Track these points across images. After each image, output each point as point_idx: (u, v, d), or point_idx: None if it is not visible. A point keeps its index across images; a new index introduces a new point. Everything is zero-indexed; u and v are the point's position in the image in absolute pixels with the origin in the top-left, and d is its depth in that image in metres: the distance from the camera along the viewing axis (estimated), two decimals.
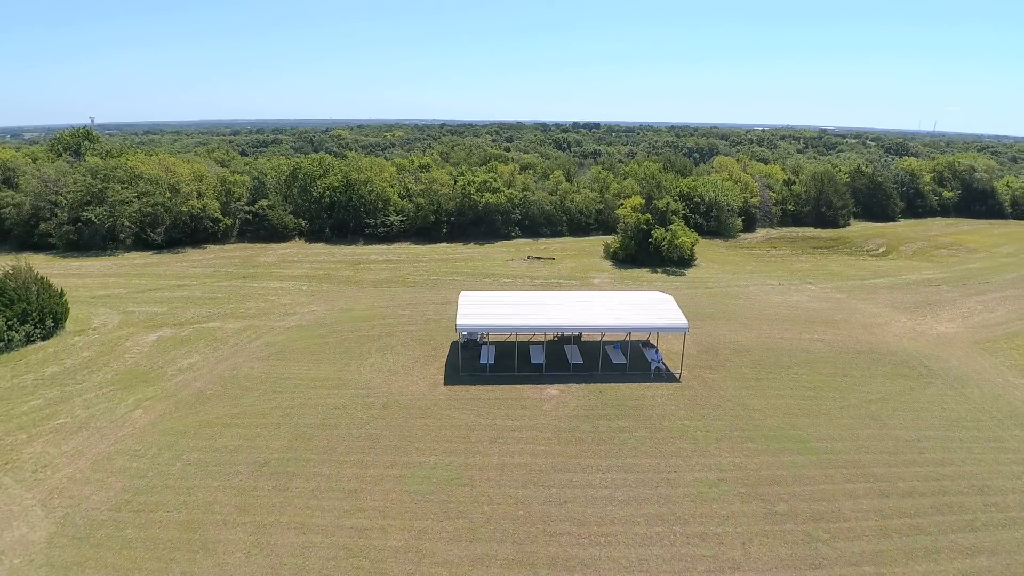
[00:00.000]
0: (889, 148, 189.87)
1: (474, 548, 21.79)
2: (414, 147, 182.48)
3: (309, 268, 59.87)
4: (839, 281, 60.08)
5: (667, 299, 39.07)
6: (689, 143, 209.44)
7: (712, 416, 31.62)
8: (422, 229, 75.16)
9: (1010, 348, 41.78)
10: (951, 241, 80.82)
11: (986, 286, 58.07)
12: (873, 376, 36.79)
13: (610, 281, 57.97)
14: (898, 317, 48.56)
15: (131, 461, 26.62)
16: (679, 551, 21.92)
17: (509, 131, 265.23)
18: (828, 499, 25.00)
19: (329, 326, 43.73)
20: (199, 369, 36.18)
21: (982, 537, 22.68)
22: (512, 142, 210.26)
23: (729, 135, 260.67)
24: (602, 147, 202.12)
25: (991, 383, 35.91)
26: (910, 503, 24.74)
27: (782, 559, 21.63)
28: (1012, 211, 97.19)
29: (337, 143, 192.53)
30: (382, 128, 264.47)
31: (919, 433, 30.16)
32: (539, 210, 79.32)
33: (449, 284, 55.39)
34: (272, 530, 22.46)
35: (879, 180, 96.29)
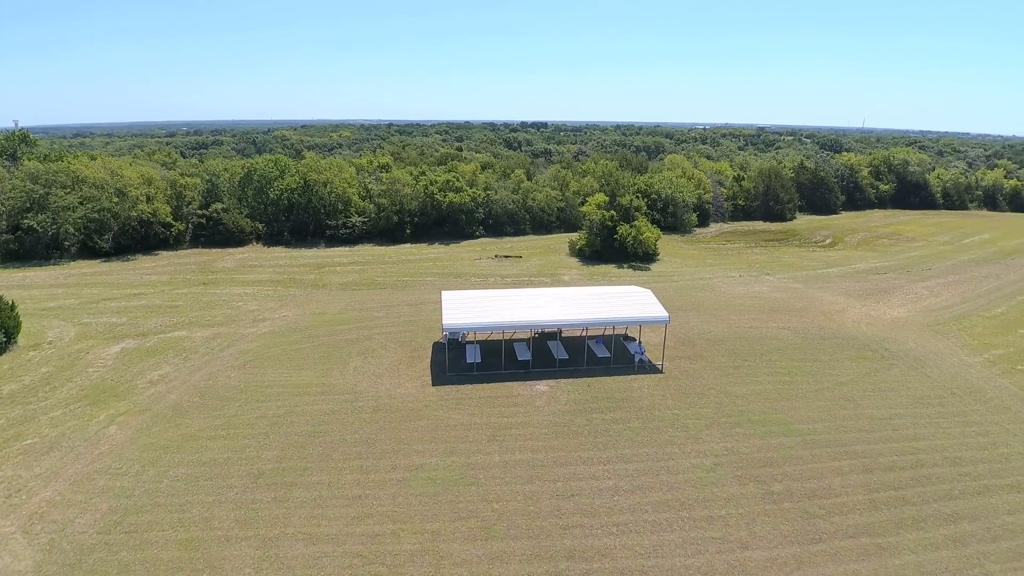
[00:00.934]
0: (824, 144, 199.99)
1: (490, 546, 21.74)
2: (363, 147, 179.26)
3: (272, 272, 57.93)
4: (794, 271, 62.93)
5: (646, 293, 39.96)
6: (636, 142, 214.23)
7: (699, 404, 32.60)
8: (385, 230, 73.96)
9: (959, 330, 44.91)
10: (891, 231, 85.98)
11: (929, 272, 62.16)
12: (840, 360, 38.78)
13: (579, 277, 58.74)
14: (853, 304, 51.33)
15: (114, 480, 25.13)
16: (689, 535, 22.54)
17: (459, 131, 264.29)
18: (818, 477, 26.25)
19: (303, 331, 42.50)
20: (172, 381, 34.48)
21: (961, 504, 24.35)
22: (463, 142, 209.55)
23: (673, 133, 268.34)
24: (552, 146, 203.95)
25: (947, 362, 38.52)
26: (892, 477, 26.28)
27: (785, 536, 22.58)
28: (943, 202, 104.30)
29: (282, 144, 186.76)
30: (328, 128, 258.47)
31: (890, 411, 32.05)
32: (502, 209, 79.46)
33: (420, 285, 54.82)
34: (279, 543, 21.70)
35: (822, 175, 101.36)
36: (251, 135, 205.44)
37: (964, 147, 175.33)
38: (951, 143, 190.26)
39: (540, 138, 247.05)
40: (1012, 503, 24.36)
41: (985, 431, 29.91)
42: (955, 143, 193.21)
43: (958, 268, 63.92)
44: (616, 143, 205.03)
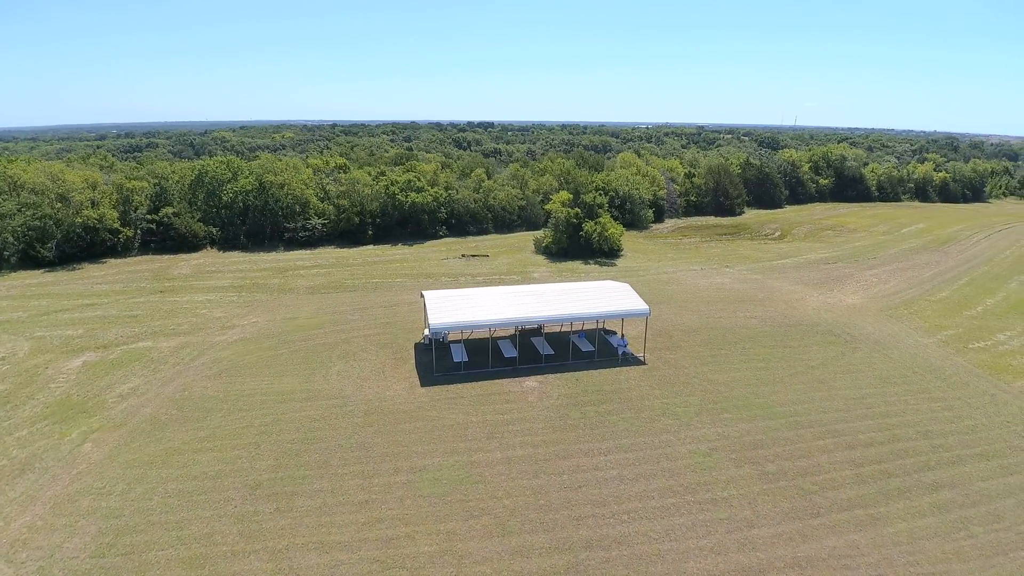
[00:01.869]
0: (762, 142, 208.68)
1: (508, 542, 21.74)
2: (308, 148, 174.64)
3: (232, 278, 55.67)
4: (751, 263, 65.53)
5: (625, 287, 40.75)
6: (584, 140, 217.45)
7: (685, 393, 33.55)
8: (346, 232, 72.32)
9: (910, 313, 47.95)
10: (834, 223, 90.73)
11: (875, 261, 66.01)
12: (808, 345, 40.74)
13: (548, 274, 59.20)
14: (811, 292, 53.96)
15: (99, 500, 23.63)
16: (697, 518, 23.23)
17: (405, 131, 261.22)
18: (806, 456, 27.54)
19: (277, 337, 41.10)
20: (144, 394, 32.67)
21: (939, 474, 26.09)
22: (411, 142, 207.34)
23: (619, 132, 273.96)
24: (501, 146, 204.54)
25: (905, 344, 41.10)
26: (873, 452, 27.87)
27: (786, 512, 23.60)
28: (878, 194, 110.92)
29: (221, 145, 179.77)
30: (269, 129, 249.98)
31: (861, 391, 33.93)
32: (464, 208, 79.12)
33: (390, 287, 53.97)
34: (290, 554, 20.99)
35: (767, 171, 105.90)
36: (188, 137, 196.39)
37: (892, 143, 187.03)
38: (880, 139, 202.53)
39: (489, 138, 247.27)
40: (984, 470, 26.29)
41: (949, 406, 32.12)
42: (883, 139, 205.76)
43: (900, 256, 68.20)
44: (565, 142, 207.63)
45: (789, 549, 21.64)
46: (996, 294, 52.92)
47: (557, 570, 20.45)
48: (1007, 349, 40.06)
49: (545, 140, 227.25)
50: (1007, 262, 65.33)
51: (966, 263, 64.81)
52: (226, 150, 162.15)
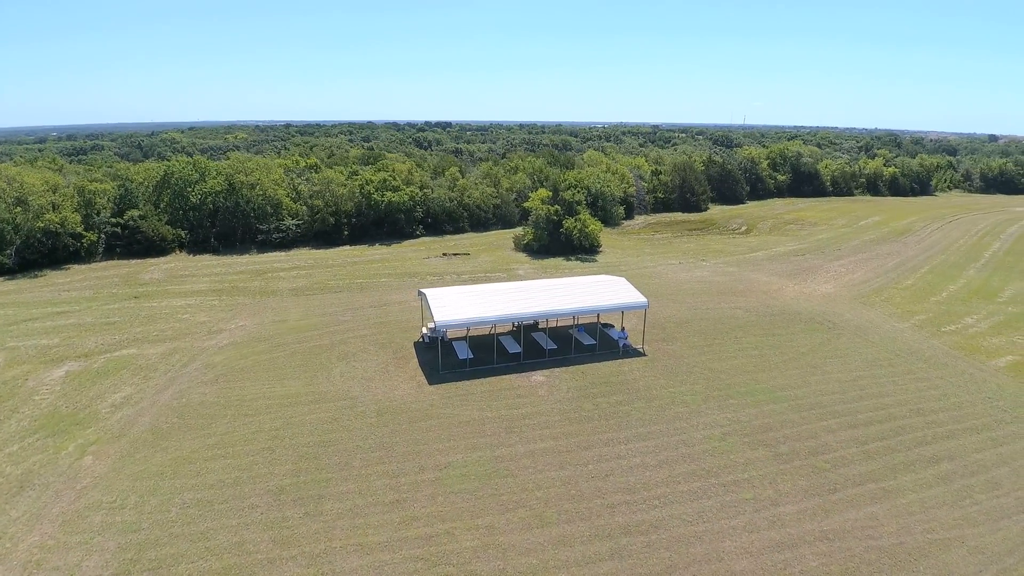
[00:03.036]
0: (716, 140, 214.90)
1: (549, 532, 21.86)
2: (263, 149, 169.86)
3: (209, 282, 53.69)
4: (725, 257, 67.54)
5: (621, 281, 41.43)
6: (545, 140, 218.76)
7: (689, 381, 34.40)
8: (321, 233, 70.75)
9: (881, 301, 50.44)
10: (795, 217, 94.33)
11: (839, 252, 69.05)
12: (795, 333, 42.36)
13: (533, 271, 59.51)
14: (787, 283, 56.06)
15: (112, 515, 22.50)
16: (724, 499, 23.91)
17: (363, 131, 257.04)
18: (814, 436, 28.69)
19: (269, 340, 39.93)
20: (139, 402, 31.22)
21: (937, 448, 27.64)
22: (370, 142, 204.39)
23: (577, 132, 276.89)
24: (462, 145, 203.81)
25: (883, 329, 43.23)
26: (874, 430, 29.27)
27: (805, 490, 24.56)
28: (832, 189, 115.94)
29: (171, 147, 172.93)
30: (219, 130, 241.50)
31: (852, 374, 35.54)
32: (440, 207, 78.59)
33: (376, 287, 53.17)
34: (330, 558, 20.52)
35: (728, 168, 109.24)
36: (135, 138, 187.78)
37: (839, 139, 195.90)
38: (828, 136, 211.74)
39: (448, 137, 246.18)
40: (977, 443, 28.01)
41: (935, 385, 34.03)
42: (831, 136, 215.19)
43: (863, 248, 71.57)
44: (525, 141, 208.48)
45: (815, 524, 22.56)
46: (957, 281, 56.28)
47: (601, 556, 20.72)
48: (977, 331, 42.69)
49: (505, 139, 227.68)
50: (962, 251, 69.53)
51: (925, 252, 68.63)
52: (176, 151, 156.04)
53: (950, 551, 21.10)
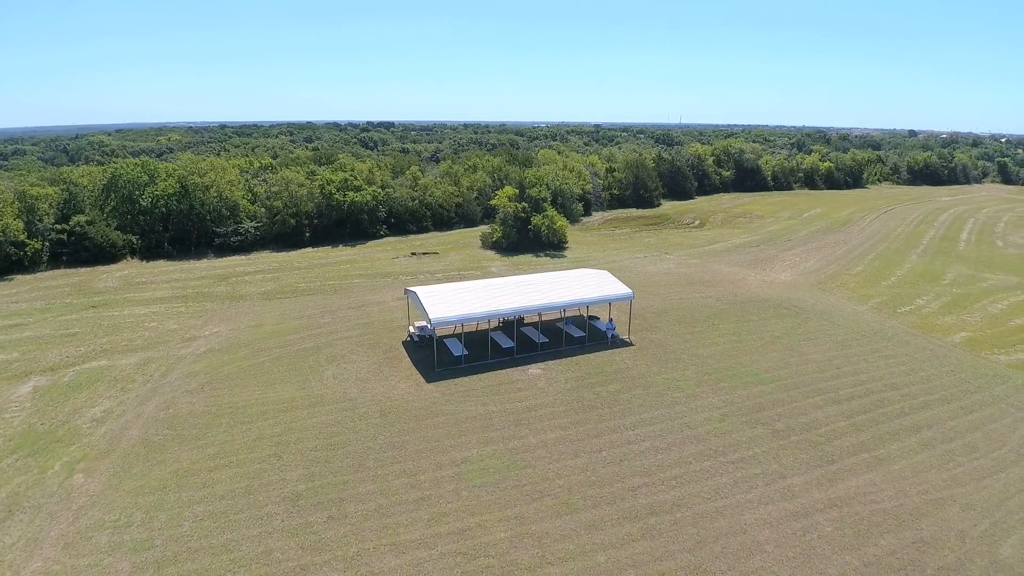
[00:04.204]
0: (658, 139, 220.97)
1: (578, 518, 22.23)
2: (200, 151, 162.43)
3: (171, 288, 51.06)
4: (686, 249, 69.92)
5: (604, 273, 42.33)
6: (491, 139, 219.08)
7: (679, 368, 35.58)
8: (281, 235, 68.44)
9: (837, 286, 53.62)
10: (742, 211, 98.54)
11: (790, 243, 72.77)
12: (767, 318, 44.47)
13: (505, 268, 59.79)
14: (748, 273, 58.67)
15: (119, 534, 21.26)
16: (736, 476, 24.99)
17: (304, 131, 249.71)
18: (804, 413, 30.33)
19: (249, 346, 38.49)
20: (121, 416, 29.50)
21: (916, 418, 29.80)
22: (313, 142, 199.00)
23: (523, 131, 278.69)
24: (408, 145, 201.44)
25: (845, 312, 46.02)
26: (856, 404, 31.23)
27: (807, 462, 25.99)
28: (773, 183, 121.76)
29: (99, 150, 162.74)
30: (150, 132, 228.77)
31: (826, 355, 37.71)
32: (403, 207, 77.58)
33: (350, 288, 52.06)
34: (365, 559, 20.16)
35: (678, 164, 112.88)
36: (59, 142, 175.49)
37: (773, 136, 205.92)
38: (762, 134, 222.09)
39: (394, 137, 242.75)
40: (949, 412, 30.38)
41: (902, 361, 36.59)
42: (765, 133, 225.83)
43: (811, 238, 75.69)
44: (472, 141, 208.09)
45: (822, 493, 23.94)
46: (903, 266, 60.52)
47: (633, 537, 21.29)
48: (929, 312, 46.14)
49: (452, 139, 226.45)
50: (902, 239, 74.71)
51: (868, 241, 73.33)
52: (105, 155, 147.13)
53: (945, 509, 22.89)
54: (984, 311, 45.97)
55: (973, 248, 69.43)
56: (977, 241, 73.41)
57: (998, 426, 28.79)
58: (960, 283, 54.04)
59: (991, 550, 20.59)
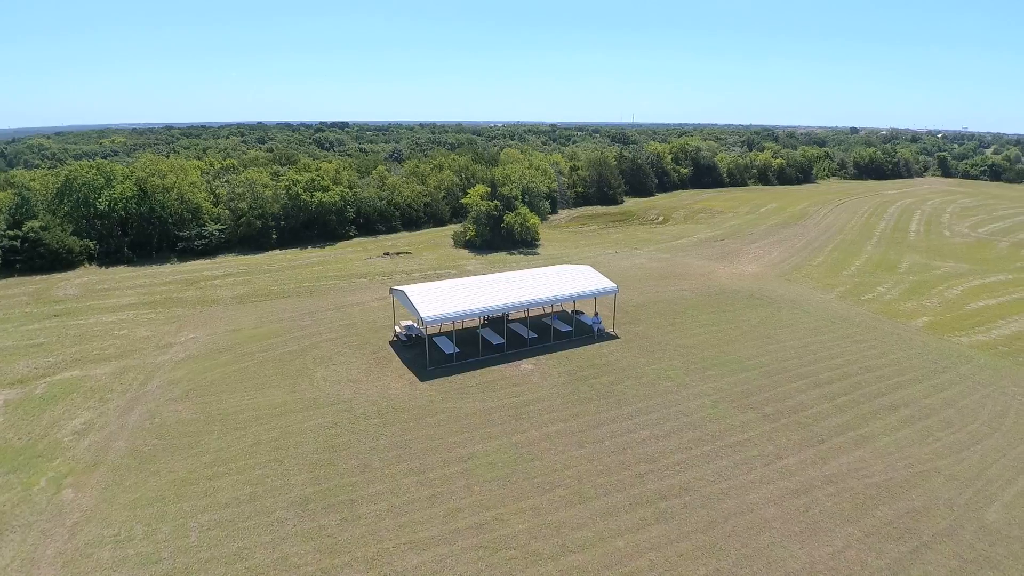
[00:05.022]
0: (614, 138, 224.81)
1: (593, 505, 22.62)
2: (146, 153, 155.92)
3: (137, 294, 48.92)
4: (654, 245, 71.52)
5: (587, 269, 42.96)
6: (450, 139, 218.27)
7: (666, 358, 36.50)
8: (247, 237, 66.44)
9: (802, 277, 55.92)
10: (702, 207, 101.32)
11: (752, 237, 75.34)
12: (741, 309, 46.05)
13: (482, 266, 59.81)
14: (717, 266, 60.51)
15: (122, 549, 20.39)
16: (735, 458, 25.90)
17: (256, 132, 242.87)
18: (789, 397, 31.64)
19: (231, 350, 37.35)
20: (104, 427, 28.20)
21: (893, 398, 31.51)
22: (266, 143, 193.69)
23: (480, 131, 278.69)
24: (365, 145, 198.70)
25: (813, 301, 48.09)
26: (837, 387, 32.78)
27: (799, 443, 27.16)
28: (729, 180, 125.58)
29: (39, 154, 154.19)
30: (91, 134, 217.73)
31: (802, 341, 39.38)
32: (371, 207, 76.52)
33: (326, 290, 51.07)
34: (387, 559, 19.98)
35: (639, 162, 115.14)
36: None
37: (724, 135, 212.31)
38: (713, 132, 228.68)
39: (349, 138, 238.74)
40: (922, 391, 32.25)
41: (872, 345, 38.55)
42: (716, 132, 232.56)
43: (771, 231, 78.58)
44: (431, 141, 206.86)
45: (817, 470, 25.09)
46: (860, 256, 63.60)
47: (648, 521, 21.83)
48: (891, 298, 48.72)
49: (409, 139, 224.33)
50: (856, 231, 78.43)
51: (824, 233, 76.66)
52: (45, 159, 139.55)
53: (931, 480, 24.36)
54: (941, 296, 48.92)
55: (923, 238, 73.66)
56: (926, 231, 77.88)
57: (968, 402, 30.78)
58: (915, 271, 57.28)
59: (978, 516, 22.09)
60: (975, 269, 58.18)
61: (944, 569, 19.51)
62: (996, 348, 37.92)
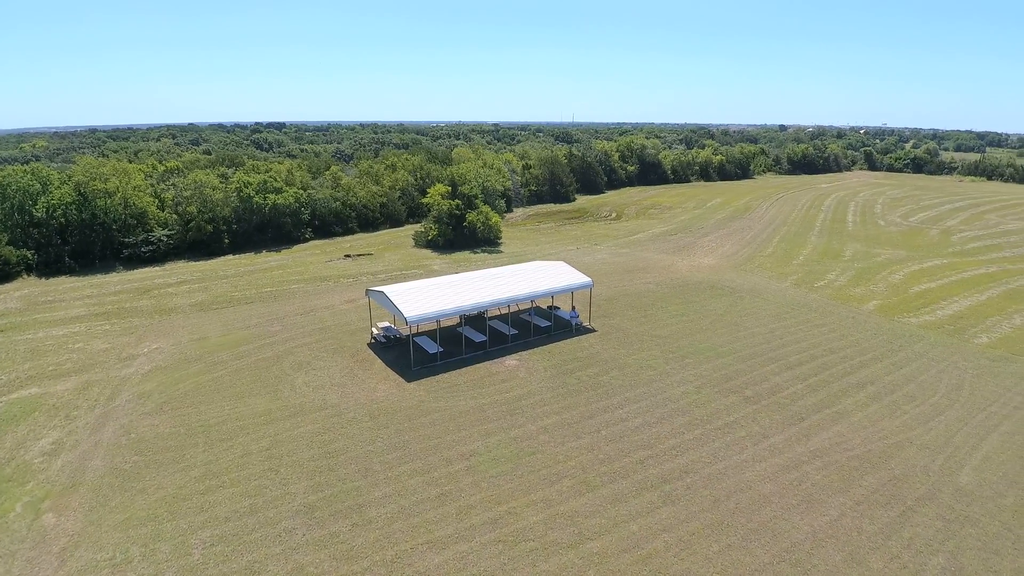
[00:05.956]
0: (558, 137, 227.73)
1: (602, 492, 23.11)
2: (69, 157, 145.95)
3: (85, 306, 45.91)
4: (612, 240, 73.14)
5: (561, 264, 43.55)
6: (395, 139, 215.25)
7: (645, 349, 37.54)
8: (197, 243, 63.50)
9: (755, 267, 58.60)
10: (652, 203, 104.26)
11: (703, 231, 78.22)
12: (706, 299, 47.87)
13: (447, 266, 59.50)
14: (675, 259, 62.56)
15: (120, 572, 19.32)
16: (727, 439, 27.04)
17: (187, 133, 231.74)
18: (765, 380, 33.23)
19: (200, 360, 35.73)
20: (75, 446, 26.47)
21: (858, 376, 33.62)
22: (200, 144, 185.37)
23: (424, 131, 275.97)
24: (305, 146, 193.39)
25: (771, 289, 50.53)
26: (806, 368, 34.67)
27: (781, 422, 28.62)
28: (673, 176, 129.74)
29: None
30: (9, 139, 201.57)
31: (767, 327, 41.35)
32: (327, 208, 74.65)
33: (290, 294, 49.53)
34: (407, 560, 19.78)
35: (589, 160, 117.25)
36: None
37: (663, 133, 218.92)
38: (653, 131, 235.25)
39: (288, 138, 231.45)
40: (883, 368, 34.56)
41: (832, 329, 40.94)
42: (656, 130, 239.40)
43: (720, 225, 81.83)
44: (375, 141, 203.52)
45: (802, 446, 26.54)
46: (806, 247, 67.22)
47: (656, 504, 22.52)
48: (840, 284, 51.80)
49: (352, 140, 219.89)
50: (798, 222, 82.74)
51: (770, 225, 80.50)
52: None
53: (905, 450, 26.23)
54: (886, 281, 52.45)
55: (860, 228, 78.60)
56: (863, 221, 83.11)
57: (926, 377, 33.26)
58: (859, 259, 61.11)
59: (952, 480, 23.99)
60: (912, 255, 62.72)
61: (931, 530, 21.14)
62: (943, 327, 41.12)
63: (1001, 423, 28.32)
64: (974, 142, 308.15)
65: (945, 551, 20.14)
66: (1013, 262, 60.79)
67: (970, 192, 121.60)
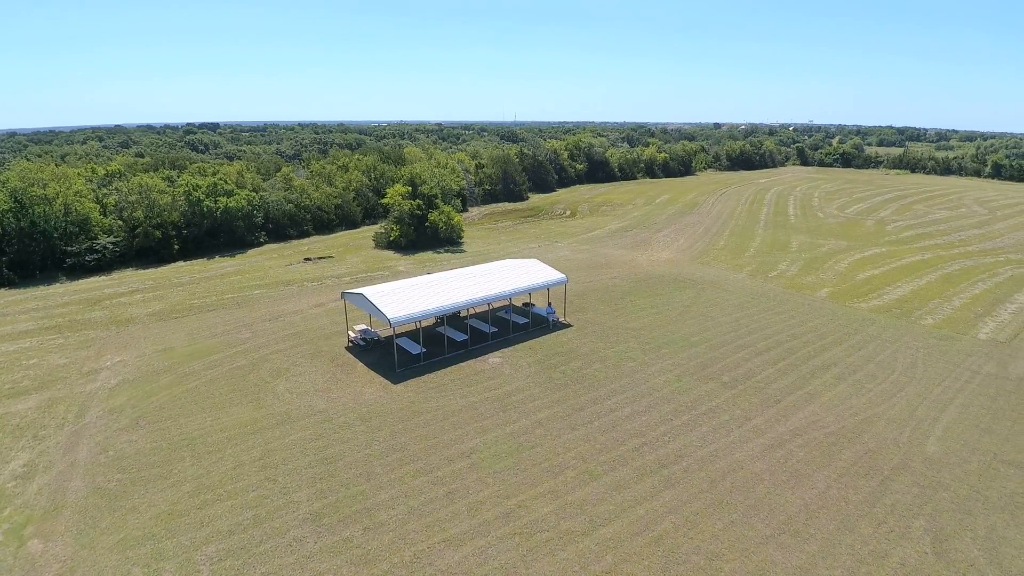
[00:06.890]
0: (503, 136, 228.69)
1: (603, 482, 23.83)
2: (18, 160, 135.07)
3: (32, 319, 42.96)
4: (571, 237, 74.47)
5: (534, 262, 44.17)
6: (337, 139, 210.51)
7: (621, 341, 38.68)
8: (145, 249, 60.43)
9: (711, 260, 61.13)
10: (602, 200, 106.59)
11: (656, 226, 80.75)
12: (672, 291, 49.66)
13: (412, 267, 59.09)
14: (635, 254, 64.43)
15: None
16: (713, 424, 28.36)
17: (115, 135, 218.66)
18: (739, 365, 34.95)
19: (170, 372, 34.25)
20: (50, 467, 24.97)
21: (822, 359, 35.83)
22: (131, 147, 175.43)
23: (366, 130, 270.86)
24: (243, 147, 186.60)
25: (730, 281, 52.91)
26: (775, 353, 36.66)
27: (760, 404, 30.25)
28: (620, 174, 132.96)
29: None
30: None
31: (732, 317, 43.37)
32: (280, 211, 72.56)
33: (254, 300, 47.98)
34: (425, 560, 19.83)
35: (540, 159, 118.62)
36: None
37: (605, 131, 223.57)
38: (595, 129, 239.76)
39: (224, 139, 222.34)
40: (843, 351, 36.96)
41: (791, 315, 43.37)
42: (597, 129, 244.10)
43: (671, 220, 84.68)
44: (318, 141, 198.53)
45: (783, 426, 28.18)
46: (755, 239, 70.57)
47: (658, 488, 23.44)
48: (792, 274, 54.80)
49: (293, 140, 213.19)
50: (744, 216, 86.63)
51: (718, 220, 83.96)
52: None
53: (875, 425, 28.28)
54: (833, 270, 55.89)
55: (802, 220, 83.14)
56: (803, 214, 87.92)
57: (884, 357, 35.84)
58: (805, 249, 64.77)
59: (921, 450, 26.09)
60: (853, 245, 67.01)
61: (909, 495, 22.99)
62: (891, 311, 44.31)
63: (956, 396, 30.98)
64: (895, 137, 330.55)
65: (924, 514, 21.99)
66: (944, 248, 66.13)
67: (896, 184, 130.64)
